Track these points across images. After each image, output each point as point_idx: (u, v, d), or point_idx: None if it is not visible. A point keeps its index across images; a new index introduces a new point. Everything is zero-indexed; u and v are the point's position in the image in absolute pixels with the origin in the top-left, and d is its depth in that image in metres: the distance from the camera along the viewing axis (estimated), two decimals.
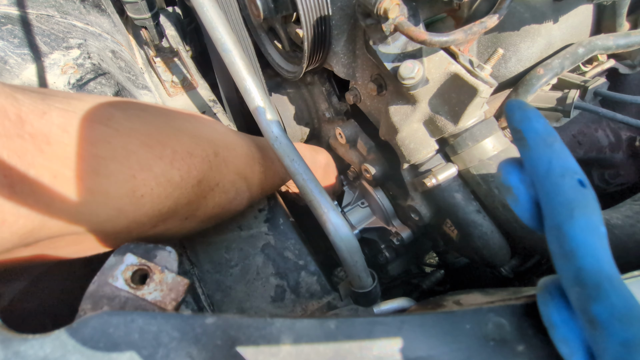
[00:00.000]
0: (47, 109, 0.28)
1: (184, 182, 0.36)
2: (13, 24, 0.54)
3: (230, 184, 0.43)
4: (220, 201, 0.43)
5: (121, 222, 0.33)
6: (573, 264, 0.22)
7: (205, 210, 0.41)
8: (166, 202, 0.35)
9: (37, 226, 0.27)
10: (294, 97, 0.74)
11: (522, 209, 0.25)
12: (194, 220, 0.41)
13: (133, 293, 0.28)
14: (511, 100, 0.36)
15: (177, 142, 0.36)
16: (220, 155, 0.41)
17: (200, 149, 0.38)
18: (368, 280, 0.42)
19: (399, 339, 0.26)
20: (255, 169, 0.48)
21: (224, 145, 0.43)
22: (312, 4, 0.48)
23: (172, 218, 0.37)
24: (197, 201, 0.39)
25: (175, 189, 0.35)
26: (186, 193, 0.36)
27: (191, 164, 0.36)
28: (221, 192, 0.42)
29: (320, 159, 0.67)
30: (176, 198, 0.35)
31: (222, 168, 0.41)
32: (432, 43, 0.42)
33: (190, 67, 0.76)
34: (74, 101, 0.31)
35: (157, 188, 0.33)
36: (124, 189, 0.31)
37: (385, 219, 0.71)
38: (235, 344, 0.25)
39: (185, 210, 0.38)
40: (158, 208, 0.34)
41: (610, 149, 0.70)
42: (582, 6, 0.55)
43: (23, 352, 0.23)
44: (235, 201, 0.46)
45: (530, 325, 0.26)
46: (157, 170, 0.33)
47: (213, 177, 0.40)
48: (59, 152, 0.27)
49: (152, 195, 0.33)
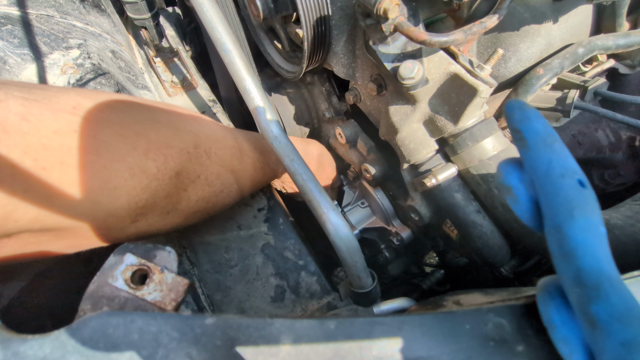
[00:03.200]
0: (4, 96, 0.27)
1: (160, 174, 0.35)
2: (13, 24, 0.54)
3: (214, 177, 0.42)
4: (204, 194, 0.42)
5: (98, 216, 0.32)
6: (573, 264, 0.22)
7: (189, 204, 0.40)
8: (142, 195, 0.34)
9: (3, 215, 0.26)
10: (293, 97, 0.74)
11: (522, 209, 0.25)
12: (177, 215, 0.40)
13: (133, 293, 0.28)
14: (511, 100, 0.36)
15: (153, 133, 0.35)
16: (201, 147, 0.40)
17: (179, 140, 0.37)
18: (368, 281, 0.42)
19: (399, 339, 0.26)
20: (244, 161, 0.47)
21: (206, 137, 0.42)
22: (312, 4, 0.48)
23: (152, 212, 0.36)
24: (177, 194, 0.38)
25: (151, 180, 0.34)
26: (164, 185, 0.36)
27: (168, 155, 0.35)
28: (204, 185, 0.41)
29: (311, 149, 0.65)
30: (153, 190, 0.35)
31: (204, 160, 0.40)
32: (431, 43, 0.42)
33: (190, 67, 0.76)
34: (37, 90, 0.30)
35: (131, 179, 0.32)
36: (95, 181, 0.30)
37: (385, 219, 0.71)
38: (235, 345, 0.25)
39: (166, 204, 0.37)
40: (135, 200, 0.33)
41: (610, 149, 0.70)
42: (581, 6, 0.55)
43: (23, 352, 0.23)
44: (222, 194, 0.45)
45: (530, 325, 0.26)
46: (130, 160, 0.32)
47: (193, 169, 0.39)
48: (18, 141, 0.26)
49: (126, 187, 0.32)
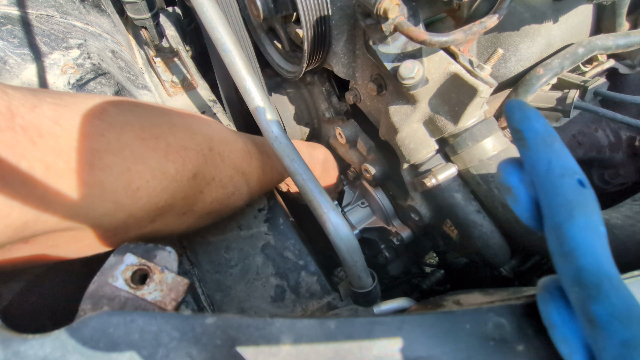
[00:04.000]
0: (38, 102, 0.28)
1: (179, 175, 0.36)
2: (13, 24, 0.54)
3: (227, 179, 0.43)
4: (218, 196, 0.42)
5: (119, 217, 0.32)
6: (573, 263, 0.22)
7: (203, 205, 0.41)
8: (162, 196, 0.35)
9: (32, 219, 0.27)
10: (293, 97, 0.74)
11: (522, 209, 0.25)
12: (192, 215, 0.41)
13: (133, 293, 0.28)
14: (511, 100, 0.36)
15: (171, 136, 0.36)
16: (215, 149, 0.41)
17: (195, 142, 0.38)
18: (368, 280, 0.42)
19: (399, 339, 0.26)
20: (253, 164, 0.48)
21: (219, 140, 0.43)
22: (312, 4, 0.48)
23: (169, 213, 0.37)
24: (194, 195, 0.39)
25: (170, 182, 0.35)
26: (182, 187, 0.36)
27: (185, 157, 0.36)
28: (218, 187, 0.42)
29: (317, 154, 0.66)
30: (172, 191, 0.35)
31: (218, 162, 0.41)
32: (431, 43, 0.42)
33: (190, 67, 0.76)
34: (66, 96, 0.31)
35: (152, 181, 0.33)
36: (120, 182, 0.31)
37: (385, 219, 0.71)
38: (235, 344, 0.25)
39: (183, 205, 0.38)
40: (155, 202, 0.34)
41: (610, 149, 0.70)
42: (581, 6, 0.55)
43: (23, 352, 0.23)
44: (234, 196, 0.45)
45: (530, 325, 0.26)
46: (151, 162, 0.33)
47: (209, 171, 0.40)
48: (51, 145, 0.27)
49: (147, 188, 0.33)
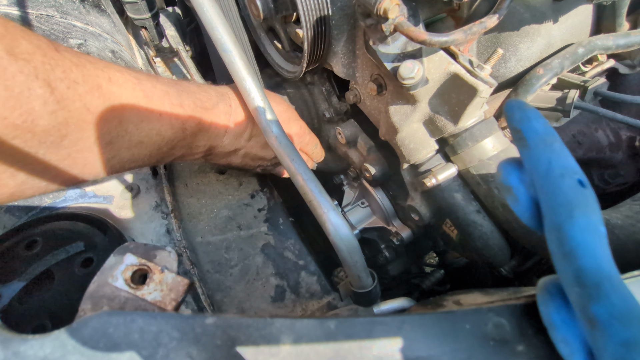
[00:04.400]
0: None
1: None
2: None
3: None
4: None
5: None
6: (573, 263, 0.22)
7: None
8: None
9: None
10: (293, 97, 0.74)
11: (522, 209, 0.25)
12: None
13: (133, 293, 0.28)
14: (511, 100, 0.36)
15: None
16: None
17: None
18: (368, 280, 0.42)
19: (399, 339, 0.26)
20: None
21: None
22: (312, 4, 0.48)
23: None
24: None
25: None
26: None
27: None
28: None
29: (291, 130, 0.59)
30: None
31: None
32: (431, 43, 0.42)
33: (190, 67, 0.76)
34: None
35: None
36: None
37: (385, 219, 0.71)
38: (235, 344, 0.25)
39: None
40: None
41: (610, 149, 0.70)
42: (581, 6, 0.55)
43: (23, 352, 0.23)
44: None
45: (530, 325, 0.26)
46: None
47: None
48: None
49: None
